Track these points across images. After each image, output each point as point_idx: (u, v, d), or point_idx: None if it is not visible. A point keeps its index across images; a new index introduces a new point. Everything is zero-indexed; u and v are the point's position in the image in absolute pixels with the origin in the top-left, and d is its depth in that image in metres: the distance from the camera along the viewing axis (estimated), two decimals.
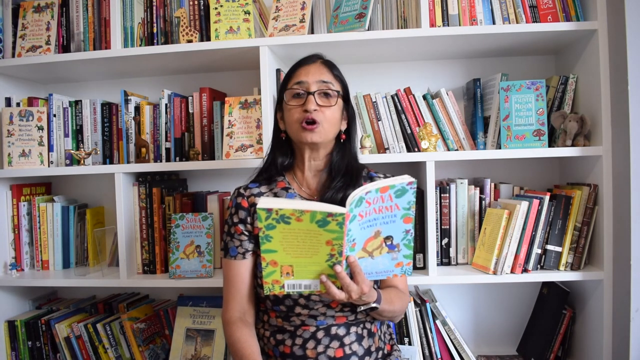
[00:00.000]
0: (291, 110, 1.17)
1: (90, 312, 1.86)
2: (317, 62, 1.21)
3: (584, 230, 1.55)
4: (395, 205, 0.93)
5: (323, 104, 1.16)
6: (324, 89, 1.16)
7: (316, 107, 1.14)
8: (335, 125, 1.19)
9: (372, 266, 0.99)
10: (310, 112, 1.13)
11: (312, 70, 1.18)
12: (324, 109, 1.15)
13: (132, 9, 1.73)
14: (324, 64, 1.21)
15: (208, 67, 1.87)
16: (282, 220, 0.89)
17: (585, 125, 1.53)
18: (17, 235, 1.84)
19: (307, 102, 1.14)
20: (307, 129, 1.14)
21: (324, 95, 1.16)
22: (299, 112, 1.16)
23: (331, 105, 1.16)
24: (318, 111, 1.14)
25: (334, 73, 1.20)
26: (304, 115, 1.14)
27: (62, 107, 1.83)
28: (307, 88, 1.16)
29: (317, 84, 1.16)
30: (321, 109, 1.15)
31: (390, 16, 1.66)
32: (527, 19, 1.57)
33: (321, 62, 1.21)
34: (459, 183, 1.66)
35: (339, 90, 1.19)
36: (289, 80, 1.20)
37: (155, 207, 1.71)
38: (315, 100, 1.15)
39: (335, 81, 1.19)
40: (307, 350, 1.12)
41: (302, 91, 1.16)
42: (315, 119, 1.14)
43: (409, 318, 1.66)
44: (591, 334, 1.59)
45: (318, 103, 1.15)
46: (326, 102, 1.16)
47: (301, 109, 1.15)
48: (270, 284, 0.96)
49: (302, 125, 1.15)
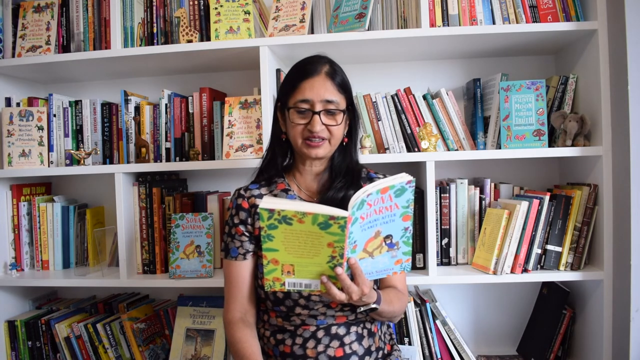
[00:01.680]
0: (296, 127, 1.15)
1: (90, 312, 1.86)
2: (321, 73, 1.15)
3: (584, 230, 1.55)
4: (395, 204, 0.93)
5: (328, 123, 1.14)
6: (329, 108, 1.14)
7: (322, 127, 1.13)
8: (340, 137, 1.18)
9: (372, 266, 0.99)
10: (316, 132, 1.13)
11: (316, 84, 1.14)
12: (330, 127, 1.14)
13: (132, 9, 1.73)
14: (329, 75, 1.15)
15: (208, 67, 1.87)
16: (284, 221, 0.89)
17: (585, 125, 1.53)
18: (17, 235, 1.84)
19: (313, 123, 1.12)
20: (312, 145, 1.14)
21: (328, 114, 1.14)
22: (304, 129, 1.15)
23: (337, 124, 1.15)
24: (324, 130, 1.14)
25: (338, 85, 1.16)
26: (309, 135, 1.14)
27: (62, 107, 1.83)
28: (311, 106, 1.13)
29: (321, 103, 1.13)
30: (327, 127, 1.14)
31: (390, 16, 1.66)
32: (527, 19, 1.57)
33: (325, 74, 1.15)
34: (459, 183, 1.66)
35: (344, 107, 1.17)
36: (292, 91, 1.16)
37: (155, 207, 1.71)
38: (321, 120, 1.13)
39: (340, 96, 1.16)
40: (307, 350, 1.12)
41: (306, 109, 1.14)
42: (323, 136, 1.14)
43: (409, 318, 1.66)
44: (591, 334, 1.59)
45: (323, 122, 1.13)
46: (332, 121, 1.15)
47: (306, 127, 1.14)
48: (271, 281, 0.97)
49: (307, 142, 1.14)
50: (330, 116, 1.15)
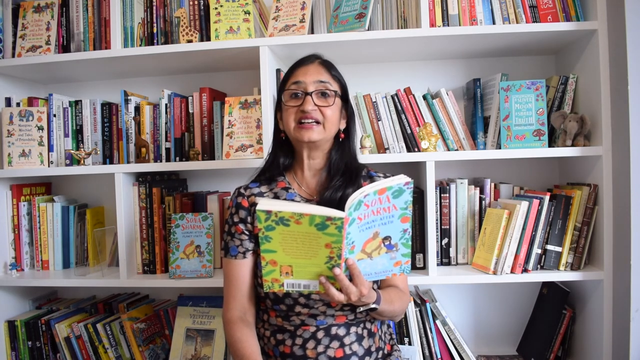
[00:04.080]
0: (289, 110, 1.18)
1: (90, 312, 1.86)
2: (315, 62, 1.21)
3: (584, 230, 1.55)
4: (393, 205, 0.93)
5: (321, 104, 1.16)
6: (321, 89, 1.17)
7: (314, 107, 1.15)
8: (335, 124, 1.19)
9: (371, 267, 0.99)
10: (308, 113, 1.14)
11: (310, 70, 1.19)
12: (323, 108, 1.16)
13: (132, 9, 1.73)
14: (322, 64, 1.22)
15: (208, 67, 1.87)
16: (281, 223, 0.89)
17: (585, 125, 1.53)
18: (17, 235, 1.84)
19: (305, 103, 1.15)
20: (304, 127, 1.15)
21: (321, 95, 1.17)
22: (297, 112, 1.16)
23: (329, 105, 1.17)
24: (317, 111, 1.15)
25: (332, 73, 1.21)
26: (302, 115, 1.15)
27: (62, 107, 1.83)
28: (304, 88, 1.16)
29: (314, 84, 1.16)
30: (319, 108, 1.16)
31: (390, 16, 1.66)
32: (527, 19, 1.57)
33: (319, 62, 1.22)
34: (459, 183, 1.66)
35: (337, 90, 1.19)
36: (287, 80, 1.21)
37: (155, 207, 1.71)
38: (313, 101, 1.15)
39: (333, 81, 1.19)
40: (307, 350, 1.12)
41: (299, 91, 1.17)
42: (316, 118, 1.15)
43: (409, 318, 1.66)
44: (591, 334, 1.58)
45: (316, 103, 1.15)
46: (324, 102, 1.17)
47: (299, 109, 1.16)
48: (269, 282, 0.97)
49: (300, 125, 1.15)
50: (322, 98, 1.17)
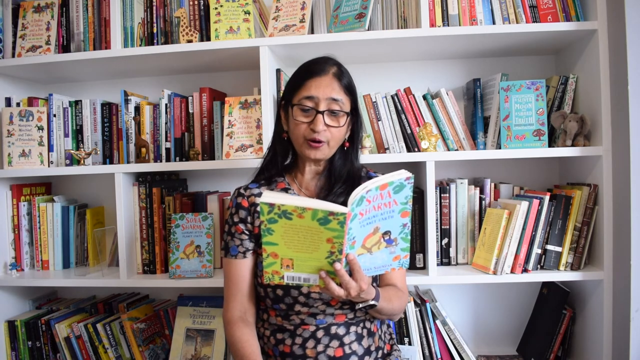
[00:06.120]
0: (298, 125, 1.15)
1: (90, 312, 1.86)
2: (329, 73, 1.15)
3: (584, 230, 1.55)
4: (394, 200, 0.94)
5: (331, 124, 1.14)
6: (333, 108, 1.14)
7: (324, 128, 1.13)
8: (340, 141, 1.18)
9: (370, 262, 1.00)
10: (318, 133, 1.12)
11: (323, 83, 1.14)
12: (332, 128, 1.14)
13: (132, 9, 1.73)
14: (336, 76, 1.16)
15: (208, 67, 1.87)
16: (284, 216, 0.89)
17: (585, 125, 1.53)
18: (17, 235, 1.84)
19: (316, 122, 1.12)
20: (312, 146, 1.14)
21: (332, 114, 1.14)
22: (306, 128, 1.14)
23: (339, 125, 1.15)
24: (326, 131, 1.14)
25: (345, 86, 1.16)
26: (310, 133, 1.13)
27: (62, 107, 1.83)
28: (316, 105, 1.13)
29: (326, 101, 1.13)
30: (329, 128, 1.14)
31: (390, 16, 1.66)
32: (527, 19, 1.57)
33: (333, 75, 1.15)
34: (459, 183, 1.66)
35: (348, 110, 1.17)
36: (298, 88, 1.16)
37: (155, 207, 1.71)
38: (324, 120, 1.13)
39: (345, 97, 1.16)
40: (306, 350, 1.12)
41: (310, 107, 1.14)
42: (322, 139, 1.13)
43: (409, 318, 1.66)
44: (591, 334, 1.58)
45: (326, 122, 1.13)
46: (334, 122, 1.14)
47: (308, 126, 1.14)
48: (270, 274, 0.97)
49: (308, 142, 1.14)
50: (333, 117, 1.14)
